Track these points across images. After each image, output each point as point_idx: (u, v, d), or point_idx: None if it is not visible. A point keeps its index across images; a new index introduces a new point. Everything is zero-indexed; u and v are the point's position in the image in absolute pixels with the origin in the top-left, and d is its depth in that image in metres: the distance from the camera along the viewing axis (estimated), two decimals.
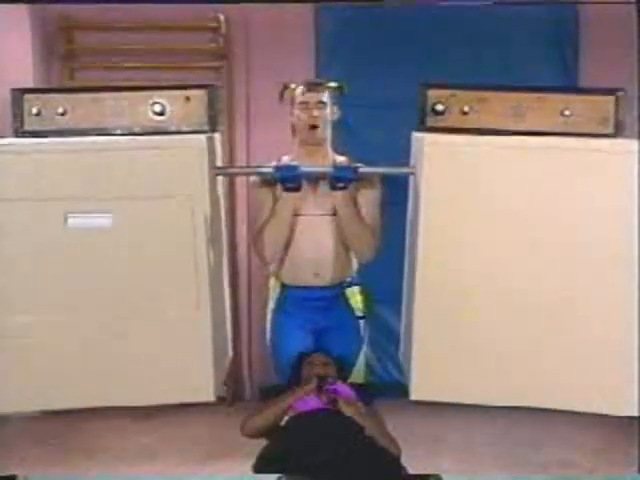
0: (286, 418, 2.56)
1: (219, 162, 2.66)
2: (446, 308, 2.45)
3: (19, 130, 2.55)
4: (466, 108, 2.51)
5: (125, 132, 2.51)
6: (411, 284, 2.58)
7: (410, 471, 2.42)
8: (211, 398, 2.52)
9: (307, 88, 2.84)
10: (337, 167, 2.71)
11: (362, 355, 2.98)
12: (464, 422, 3.98)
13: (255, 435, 2.60)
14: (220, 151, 2.69)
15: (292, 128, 2.91)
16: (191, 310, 2.45)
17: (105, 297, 2.44)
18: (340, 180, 2.68)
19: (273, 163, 2.82)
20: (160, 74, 4.09)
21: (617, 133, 2.49)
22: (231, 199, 4.27)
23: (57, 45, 4.25)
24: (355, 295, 2.95)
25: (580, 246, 2.39)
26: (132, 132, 2.50)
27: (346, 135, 3.35)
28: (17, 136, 2.54)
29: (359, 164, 2.73)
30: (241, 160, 4.27)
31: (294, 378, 2.76)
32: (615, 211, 2.37)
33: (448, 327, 2.46)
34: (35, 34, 4.12)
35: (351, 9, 4.22)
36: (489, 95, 2.52)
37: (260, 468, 2.41)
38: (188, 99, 2.52)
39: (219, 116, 2.61)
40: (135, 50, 4.20)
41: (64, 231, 2.40)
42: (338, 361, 2.82)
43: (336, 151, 2.91)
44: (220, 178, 2.70)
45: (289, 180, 2.68)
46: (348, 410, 2.53)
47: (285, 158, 2.86)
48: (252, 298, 4.38)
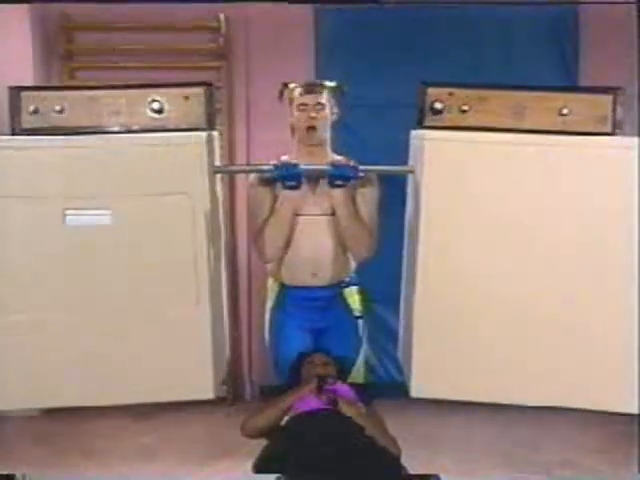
0: (286, 418, 2.56)
1: (218, 160, 2.65)
2: (446, 306, 2.45)
3: (17, 128, 2.53)
4: (465, 107, 2.50)
5: (123, 130, 2.50)
6: (410, 283, 2.58)
7: (410, 471, 2.41)
8: (210, 396, 2.50)
9: (305, 90, 2.84)
10: (336, 165, 2.71)
11: (361, 355, 2.97)
12: (464, 422, 3.99)
13: (255, 435, 2.60)
14: (218, 149, 2.68)
15: (291, 128, 2.92)
16: (190, 307, 2.44)
17: (104, 295, 2.43)
18: (339, 178, 2.68)
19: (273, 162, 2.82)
20: (160, 74, 4.10)
21: (615, 131, 2.49)
22: (231, 199, 4.28)
23: (57, 45, 4.26)
24: (353, 295, 2.96)
25: (580, 245, 2.39)
26: (130, 130, 2.49)
27: (346, 135, 3.35)
28: (15, 134, 2.53)
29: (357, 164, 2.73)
30: (241, 160, 4.28)
31: (294, 378, 2.76)
32: (614, 209, 2.37)
33: (448, 325, 2.46)
34: (35, 34, 4.13)
35: (351, 9, 4.22)
36: (488, 94, 2.51)
37: (260, 468, 2.41)
38: (186, 97, 2.51)
39: (217, 115, 2.61)
40: (135, 50, 4.21)
41: (62, 228, 2.39)
42: (337, 361, 2.82)
43: (335, 151, 2.91)
44: (219, 177, 2.69)
45: (289, 178, 2.68)
46: (348, 410, 2.53)
47: (284, 158, 2.86)
48: (252, 298, 4.39)
